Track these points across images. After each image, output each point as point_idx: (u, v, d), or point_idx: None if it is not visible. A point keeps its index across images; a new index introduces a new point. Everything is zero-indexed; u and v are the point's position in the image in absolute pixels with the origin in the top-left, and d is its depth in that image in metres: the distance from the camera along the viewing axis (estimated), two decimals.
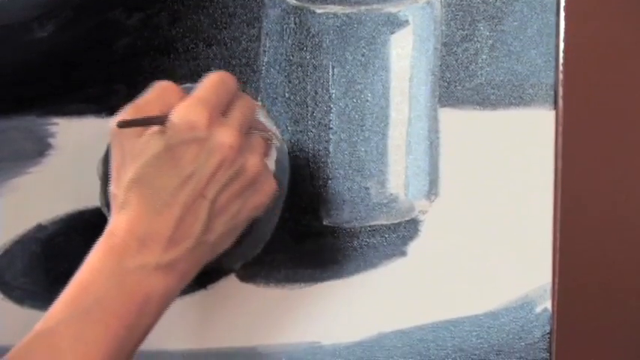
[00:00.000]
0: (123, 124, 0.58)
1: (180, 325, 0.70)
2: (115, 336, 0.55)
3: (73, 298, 0.55)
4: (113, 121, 0.59)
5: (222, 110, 0.59)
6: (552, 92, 0.70)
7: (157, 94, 0.60)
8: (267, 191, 0.61)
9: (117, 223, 0.57)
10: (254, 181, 0.60)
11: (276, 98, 0.70)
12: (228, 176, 0.58)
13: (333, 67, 0.69)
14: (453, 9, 0.70)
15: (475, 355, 0.70)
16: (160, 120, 0.58)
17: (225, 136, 0.57)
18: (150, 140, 0.57)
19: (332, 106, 0.70)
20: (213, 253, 0.60)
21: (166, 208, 0.56)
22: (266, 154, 0.62)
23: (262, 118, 0.69)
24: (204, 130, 0.57)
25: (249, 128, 0.61)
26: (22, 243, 0.70)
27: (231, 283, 0.70)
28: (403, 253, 0.70)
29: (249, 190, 0.60)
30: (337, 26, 0.69)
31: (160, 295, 0.57)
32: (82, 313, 0.54)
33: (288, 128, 0.70)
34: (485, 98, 0.70)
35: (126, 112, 0.59)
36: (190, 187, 0.57)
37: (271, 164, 0.65)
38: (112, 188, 0.59)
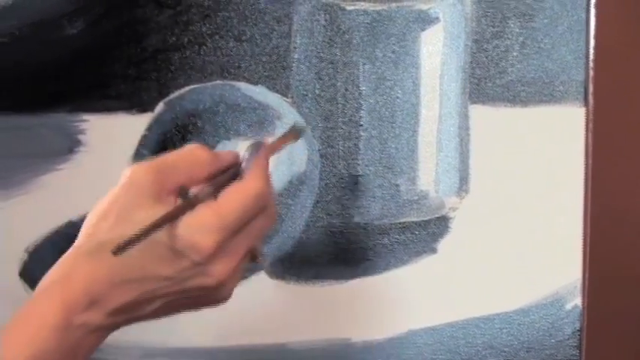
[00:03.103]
0: (118, 250, 0.52)
1: (210, 321, 0.70)
2: None
3: (13, 345, 0.54)
4: (134, 167, 0.56)
5: (236, 232, 0.56)
6: (582, 89, 0.70)
7: (184, 165, 0.56)
8: (214, 302, 0.58)
9: (76, 269, 0.55)
10: (212, 296, 0.58)
11: (307, 95, 0.70)
12: (197, 294, 0.57)
13: (363, 64, 0.69)
14: (484, 6, 0.70)
15: (505, 351, 0.70)
16: (163, 223, 0.53)
17: (220, 271, 0.55)
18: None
19: (362, 103, 0.70)
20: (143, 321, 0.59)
21: (128, 285, 0.55)
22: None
23: (291, 114, 0.70)
24: (204, 258, 0.55)
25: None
26: (52, 239, 0.70)
27: (261, 280, 0.70)
28: (433, 250, 0.70)
29: (204, 299, 0.58)
30: (367, 23, 0.69)
31: (87, 352, 0.56)
32: None
33: (319, 125, 0.70)
34: (515, 95, 0.70)
35: (148, 168, 0.55)
36: (159, 286, 0.55)
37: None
38: (91, 218, 0.56)
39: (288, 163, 0.69)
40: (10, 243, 0.58)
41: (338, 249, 0.70)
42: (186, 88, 0.70)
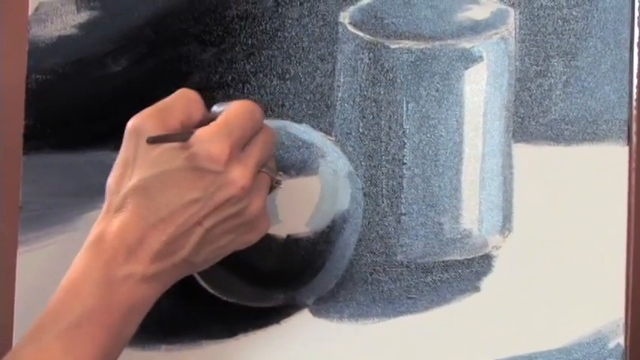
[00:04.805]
0: (153, 141, 0.58)
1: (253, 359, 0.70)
2: (101, 347, 0.56)
3: (61, 307, 0.56)
4: (133, 119, 0.59)
5: (243, 144, 0.59)
6: (626, 128, 0.70)
7: (180, 104, 0.60)
8: (260, 231, 0.62)
9: (108, 226, 0.57)
10: (252, 221, 0.60)
11: (350, 133, 0.70)
12: (229, 213, 0.58)
13: (407, 103, 0.70)
14: (527, 45, 0.70)
15: None
16: (185, 137, 0.58)
17: (239, 176, 0.58)
18: (166, 154, 0.57)
19: (406, 141, 0.70)
20: (194, 271, 0.62)
21: (162, 224, 0.57)
22: (268, 193, 0.63)
23: (335, 152, 0.70)
24: (222, 165, 0.57)
25: (263, 165, 0.61)
26: None
27: (304, 318, 0.70)
28: (476, 289, 0.70)
29: (244, 228, 0.60)
30: (411, 61, 0.69)
31: (143, 305, 0.58)
32: (71, 326, 0.55)
33: (362, 163, 0.70)
34: (559, 134, 0.70)
35: (147, 114, 0.59)
36: (191, 212, 0.57)
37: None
38: (110, 183, 0.59)
39: (332, 201, 0.69)
40: (57, 279, 0.58)
41: (381, 287, 0.70)
42: None
